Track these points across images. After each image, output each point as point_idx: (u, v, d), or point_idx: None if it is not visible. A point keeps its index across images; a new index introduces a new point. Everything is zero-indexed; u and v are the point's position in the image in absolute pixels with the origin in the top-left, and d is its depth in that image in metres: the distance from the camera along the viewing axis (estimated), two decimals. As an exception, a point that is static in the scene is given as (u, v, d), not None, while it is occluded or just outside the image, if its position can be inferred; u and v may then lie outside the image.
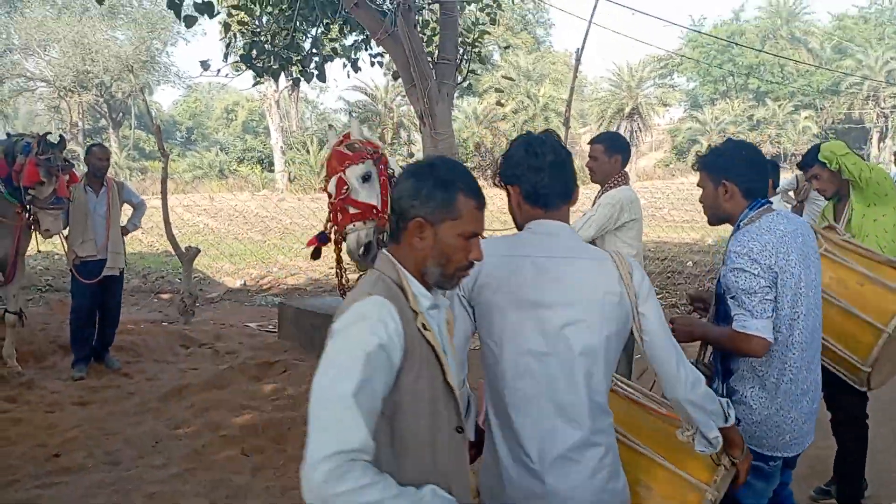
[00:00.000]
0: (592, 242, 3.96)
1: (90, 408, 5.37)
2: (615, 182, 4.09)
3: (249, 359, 6.40)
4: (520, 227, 1.96)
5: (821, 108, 43.04)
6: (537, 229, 1.90)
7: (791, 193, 6.24)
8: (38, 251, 6.51)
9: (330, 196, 3.63)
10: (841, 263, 2.97)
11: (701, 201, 2.57)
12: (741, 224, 2.45)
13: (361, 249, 3.40)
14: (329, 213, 3.58)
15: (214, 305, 10.22)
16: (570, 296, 1.80)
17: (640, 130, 42.91)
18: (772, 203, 2.51)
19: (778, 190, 5.25)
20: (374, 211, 3.46)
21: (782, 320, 2.31)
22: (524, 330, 1.79)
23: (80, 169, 6.54)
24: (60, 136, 5.62)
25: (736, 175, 2.44)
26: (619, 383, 2.32)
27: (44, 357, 6.52)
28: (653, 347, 1.86)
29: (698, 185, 2.57)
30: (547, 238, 1.88)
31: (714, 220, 2.58)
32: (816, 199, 5.86)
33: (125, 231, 6.35)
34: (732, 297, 2.30)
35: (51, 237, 5.72)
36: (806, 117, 40.86)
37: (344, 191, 3.42)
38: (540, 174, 1.86)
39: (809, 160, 3.94)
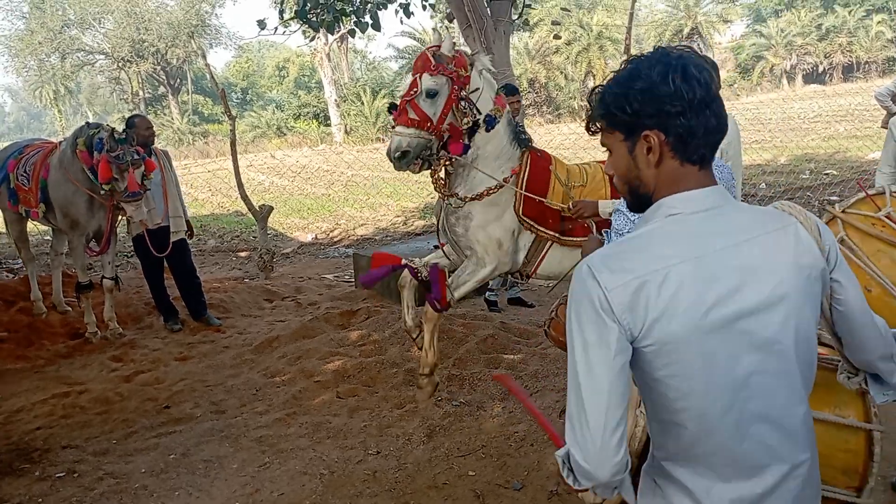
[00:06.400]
0: None
1: (190, 362, 5.71)
2: None
3: (332, 308, 6.64)
4: (642, 193, 1.43)
5: (895, 11, 40.33)
6: (686, 207, 1.36)
7: (891, 101, 5.33)
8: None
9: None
10: (853, 261, 2.42)
11: None
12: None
13: (398, 153, 3.64)
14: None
15: (290, 260, 10.54)
16: (778, 289, 1.33)
17: (701, 51, 41.17)
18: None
19: (876, 95, 4.80)
20: (429, 125, 3.62)
21: None
22: (723, 355, 1.31)
23: None
24: (125, 130, 5.79)
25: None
26: None
27: (140, 318, 6.91)
28: (849, 318, 1.49)
29: None
30: (710, 218, 1.36)
31: None
32: None
33: None
34: None
35: (136, 222, 6.02)
36: (879, 22, 38.39)
37: (413, 92, 3.62)
38: (705, 112, 1.34)
39: None
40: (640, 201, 1.44)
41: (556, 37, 31.13)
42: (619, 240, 1.42)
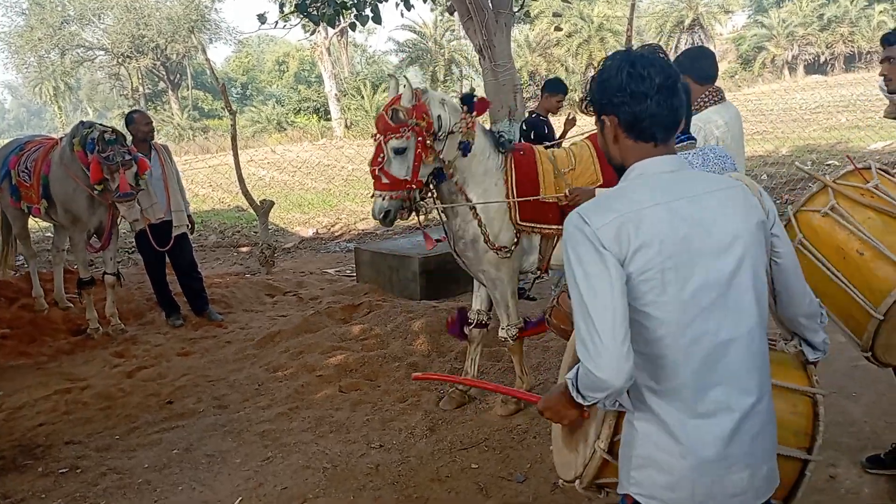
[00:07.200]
0: None
1: (192, 357, 5.71)
2: (701, 104, 3.57)
3: (334, 303, 6.64)
4: (615, 164, 1.72)
5: (897, 0, 40.15)
6: (651, 169, 1.63)
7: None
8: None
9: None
10: (845, 226, 2.54)
11: None
12: None
13: (381, 215, 3.72)
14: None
15: (291, 255, 10.54)
16: (730, 235, 1.58)
17: (703, 42, 41.16)
18: (695, 140, 2.59)
19: (879, 85, 4.75)
20: (404, 184, 3.69)
21: None
22: (691, 287, 1.55)
23: None
24: (114, 130, 5.73)
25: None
26: None
27: (142, 314, 6.91)
28: (784, 270, 1.76)
29: None
30: (671, 177, 1.62)
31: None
32: None
33: None
34: None
35: (131, 220, 5.96)
36: (881, 11, 38.21)
37: (380, 158, 3.68)
38: (645, 102, 1.60)
39: (894, 37, 3.32)
40: (616, 169, 1.73)
41: (557, 29, 31.04)
42: (600, 193, 1.73)
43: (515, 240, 3.94)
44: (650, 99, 1.59)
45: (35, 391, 5.09)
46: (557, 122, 6.75)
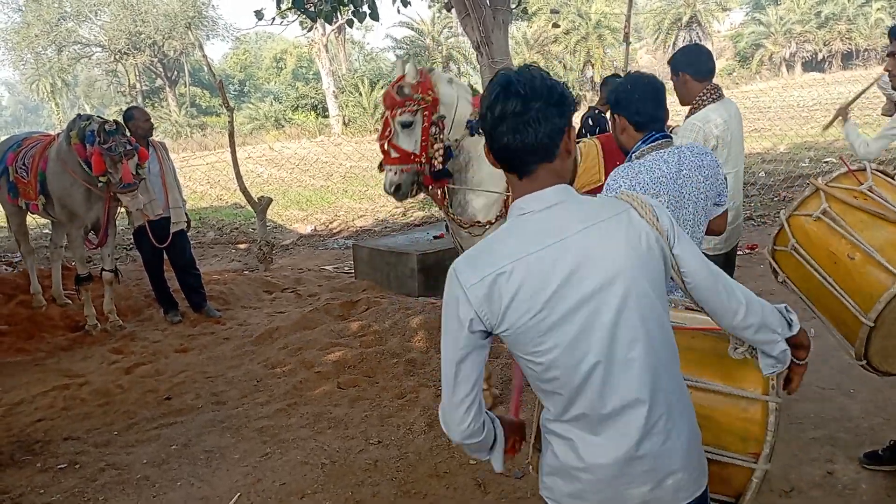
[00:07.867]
0: None
1: (191, 354, 5.71)
2: (700, 102, 3.61)
3: (332, 300, 6.64)
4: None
5: (895, -2, 40.17)
6: (527, 207, 1.55)
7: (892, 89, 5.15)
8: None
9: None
10: (836, 230, 2.48)
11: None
12: (632, 156, 2.59)
13: (392, 188, 3.75)
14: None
15: (289, 252, 10.53)
16: (613, 270, 1.50)
17: (700, 39, 41.14)
18: (670, 138, 2.58)
19: (877, 82, 4.68)
20: (412, 157, 3.72)
21: None
22: (573, 331, 1.50)
23: None
24: (115, 121, 5.74)
25: (623, 109, 2.57)
26: None
27: (140, 310, 6.91)
28: (697, 288, 1.64)
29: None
30: (548, 216, 1.53)
31: (621, 150, 2.74)
32: None
33: None
34: None
35: (134, 212, 6.03)
36: (878, 9, 38.23)
37: (388, 132, 3.72)
38: (495, 130, 1.53)
39: None
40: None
41: (555, 25, 31.01)
42: (484, 238, 1.65)
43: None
44: (497, 128, 1.52)
45: (33, 387, 5.09)
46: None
